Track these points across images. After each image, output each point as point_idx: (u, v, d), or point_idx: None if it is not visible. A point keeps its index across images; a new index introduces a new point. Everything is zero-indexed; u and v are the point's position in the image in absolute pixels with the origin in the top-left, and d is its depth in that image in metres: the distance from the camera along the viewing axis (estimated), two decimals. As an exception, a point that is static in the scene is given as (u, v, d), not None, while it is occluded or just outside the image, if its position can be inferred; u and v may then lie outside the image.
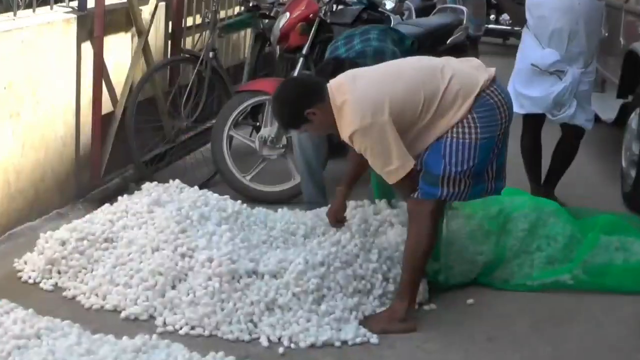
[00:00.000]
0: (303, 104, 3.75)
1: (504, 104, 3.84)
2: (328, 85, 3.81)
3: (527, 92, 5.34)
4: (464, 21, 6.87)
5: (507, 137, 3.94)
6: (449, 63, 3.88)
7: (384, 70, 3.91)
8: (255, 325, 3.71)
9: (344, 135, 3.75)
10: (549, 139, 5.68)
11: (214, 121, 5.74)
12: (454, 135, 3.77)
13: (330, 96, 3.75)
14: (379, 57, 4.69)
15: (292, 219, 4.46)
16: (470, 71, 3.86)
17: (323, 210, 4.43)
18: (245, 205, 4.57)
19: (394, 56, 4.65)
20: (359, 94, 3.71)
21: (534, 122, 5.51)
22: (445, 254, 4.26)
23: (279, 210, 4.63)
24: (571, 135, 5.52)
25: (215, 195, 4.54)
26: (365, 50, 4.80)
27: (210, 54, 5.81)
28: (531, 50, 5.33)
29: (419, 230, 3.81)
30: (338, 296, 3.88)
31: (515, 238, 4.47)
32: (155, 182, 4.72)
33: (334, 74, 3.97)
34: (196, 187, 4.71)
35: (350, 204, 4.43)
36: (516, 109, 5.24)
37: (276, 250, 4.15)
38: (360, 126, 3.66)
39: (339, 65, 4.33)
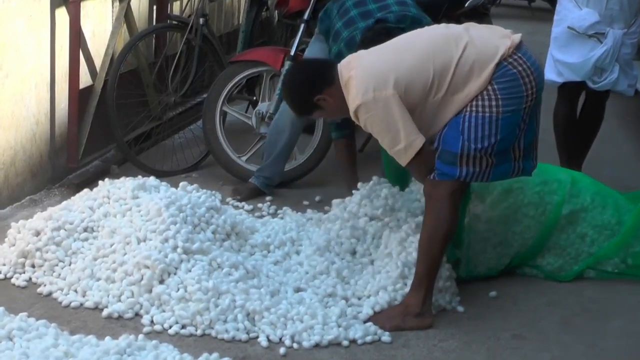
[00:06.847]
0: (311, 90, 3.88)
1: (530, 73, 3.81)
2: (339, 64, 3.90)
3: (564, 59, 5.36)
4: (485, -19, 6.83)
5: (537, 111, 3.92)
6: (467, 31, 3.88)
7: (394, 43, 3.97)
8: (254, 324, 3.70)
9: (351, 113, 3.83)
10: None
11: (205, 95, 5.74)
12: (473, 109, 3.78)
13: (339, 76, 3.84)
14: (416, 27, 4.57)
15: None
16: (490, 38, 3.85)
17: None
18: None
19: None
20: (365, 67, 3.81)
21: (571, 92, 5.51)
22: (468, 244, 4.23)
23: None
24: (596, 97, 5.52)
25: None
26: (405, 15, 4.72)
27: (201, 21, 5.79)
28: (567, 11, 5.36)
29: (437, 214, 3.82)
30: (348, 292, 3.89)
31: (555, 225, 4.38)
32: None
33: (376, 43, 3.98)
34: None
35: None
36: (554, 77, 5.36)
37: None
38: (363, 101, 3.74)
39: (387, 33, 4.27)
